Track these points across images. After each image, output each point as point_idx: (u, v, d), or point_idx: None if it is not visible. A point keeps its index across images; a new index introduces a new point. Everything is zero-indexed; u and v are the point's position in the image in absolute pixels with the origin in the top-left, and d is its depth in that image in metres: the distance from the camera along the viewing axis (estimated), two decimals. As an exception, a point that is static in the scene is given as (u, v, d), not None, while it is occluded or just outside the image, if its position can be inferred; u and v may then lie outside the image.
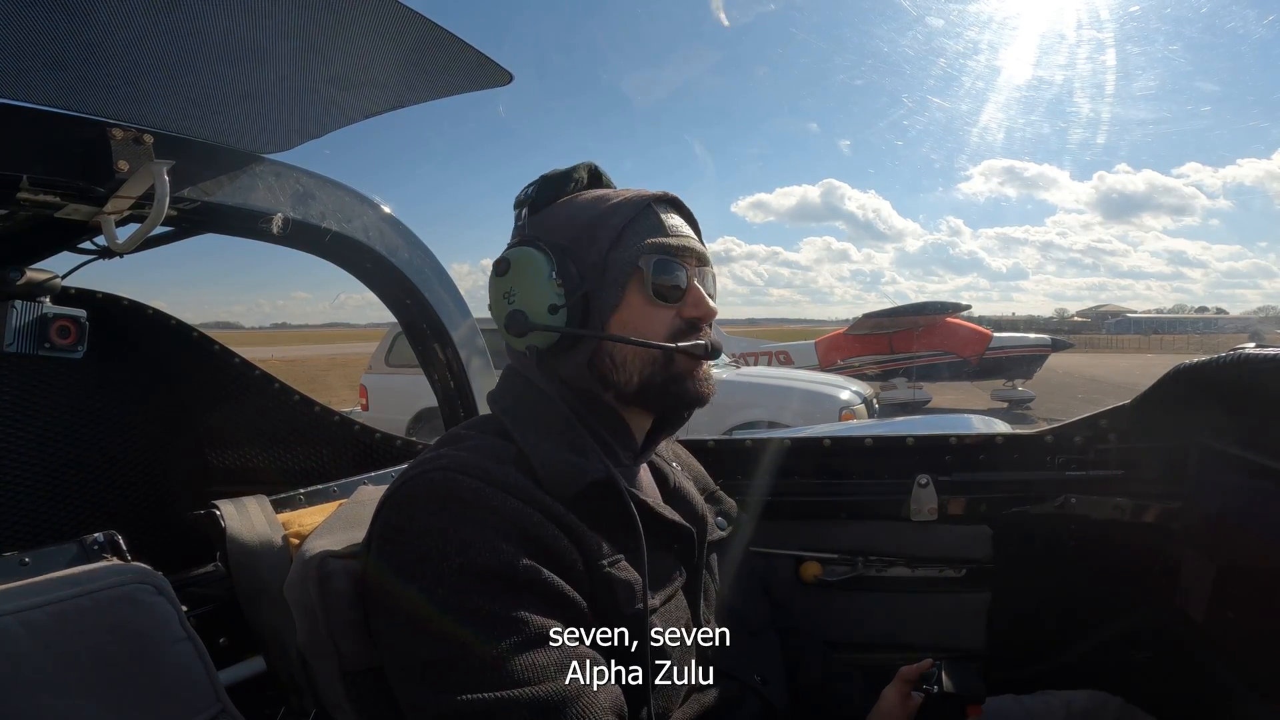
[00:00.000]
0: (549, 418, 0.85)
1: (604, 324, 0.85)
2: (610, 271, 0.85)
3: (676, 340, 0.86)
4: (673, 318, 0.87)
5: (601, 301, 0.85)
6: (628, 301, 0.86)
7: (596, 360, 0.86)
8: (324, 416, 1.73)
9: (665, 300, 0.86)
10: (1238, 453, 1.11)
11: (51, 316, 1.31)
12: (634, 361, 0.85)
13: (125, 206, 1.08)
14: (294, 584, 0.87)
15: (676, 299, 0.87)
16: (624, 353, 0.86)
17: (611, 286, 0.85)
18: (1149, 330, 55.43)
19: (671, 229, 0.88)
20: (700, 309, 0.87)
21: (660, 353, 0.85)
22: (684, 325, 0.87)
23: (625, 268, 0.85)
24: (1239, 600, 1.07)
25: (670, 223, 0.89)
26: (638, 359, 0.86)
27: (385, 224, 1.48)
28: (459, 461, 0.76)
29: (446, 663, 0.67)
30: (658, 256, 0.85)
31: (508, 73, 1.08)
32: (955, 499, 1.37)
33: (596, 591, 0.75)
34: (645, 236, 0.86)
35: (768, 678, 0.94)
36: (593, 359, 0.86)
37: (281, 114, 1.15)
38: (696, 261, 0.89)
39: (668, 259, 0.86)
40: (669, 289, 0.86)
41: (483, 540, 0.70)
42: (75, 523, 1.62)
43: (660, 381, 0.86)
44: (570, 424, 0.84)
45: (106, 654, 0.77)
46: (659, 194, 0.90)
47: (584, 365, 0.86)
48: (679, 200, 0.92)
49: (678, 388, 0.87)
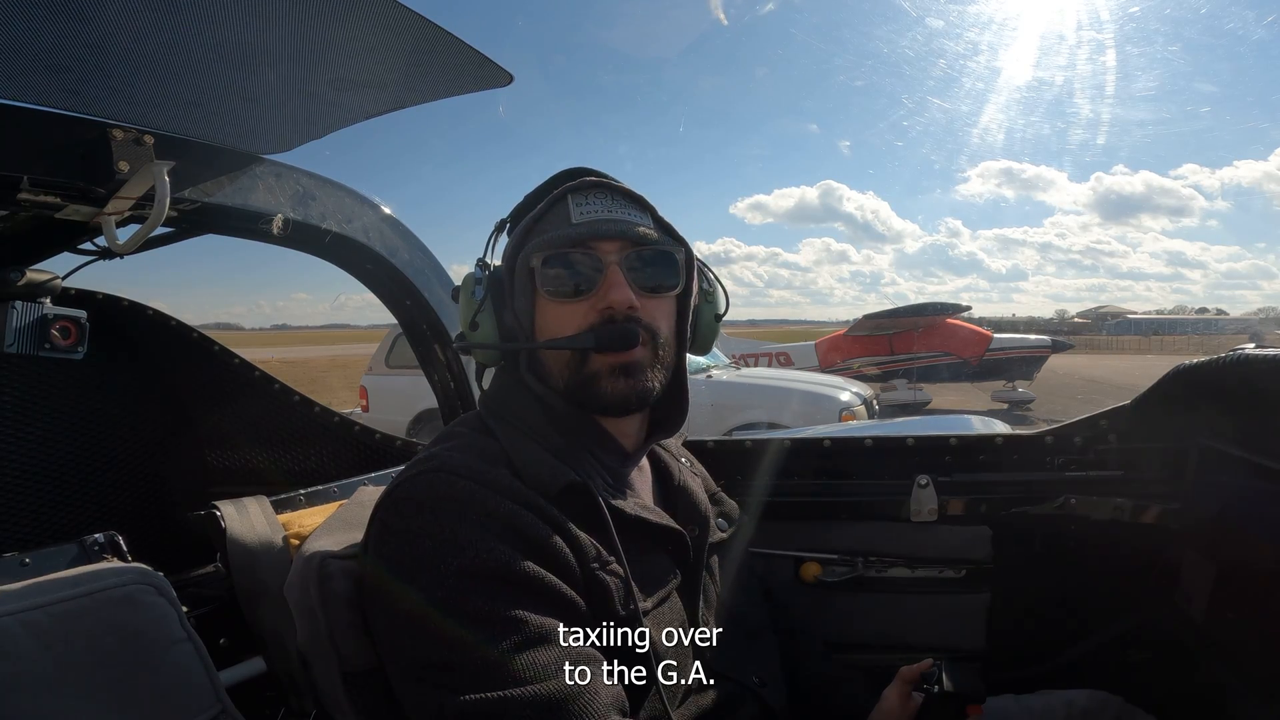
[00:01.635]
0: (528, 418, 0.85)
1: (529, 329, 0.85)
2: (516, 277, 0.85)
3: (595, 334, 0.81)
4: (586, 311, 0.82)
5: (518, 309, 0.85)
6: (540, 305, 0.84)
7: (534, 368, 0.86)
8: (324, 417, 1.73)
9: (566, 296, 0.82)
10: (1238, 453, 1.11)
11: (52, 317, 1.31)
12: (553, 365, 0.84)
13: (126, 207, 1.08)
14: (294, 585, 0.87)
15: (585, 292, 0.82)
16: (548, 358, 0.84)
17: (520, 293, 0.85)
18: (1149, 331, 55.44)
19: (579, 216, 0.82)
20: (607, 298, 0.81)
21: (571, 354, 0.82)
22: (598, 319, 0.81)
23: (524, 270, 0.84)
24: (1239, 601, 1.07)
25: (579, 210, 0.83)
26: (557, 362, 0.84)
27: (385, 225, 1.48)
28: (453, 463, 0.76)
29: (447, 663, 0.67)
30: (548, 251, 0.82)
31: (508, 73, 1.08)
32: (955, 500, 1.37)
33: (590, 591, 0.76)
34: (543, 232, 0.83)
35: (766, 679, 0.94)
36: (531, 367, 0.86)
37: (282, 115, 1.15)
38: (622, 245, 0.83)
39: (559, 253, 0.82)
40: (567, 283, 0.82)
41: (480, 541, 0.70)
42: (75, 523, 1.62)
43: (578, 383, 0.83)
44: (550, 427, 0.84)
45: (107, 654, 0.77)
46: (580, 181, 0.85)
47: (528, 373, 0.86)
48: (603, 179, 0.86)
49: (593, 389, 0.82)
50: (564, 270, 0.82)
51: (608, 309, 0.81)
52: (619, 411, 0.85)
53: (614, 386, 0.81)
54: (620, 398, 0.82)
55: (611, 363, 0.81)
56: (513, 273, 0.85)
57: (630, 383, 0.82)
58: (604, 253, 0.82)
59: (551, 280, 0.82)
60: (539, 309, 0.84)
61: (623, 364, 0.82)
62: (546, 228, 0.84)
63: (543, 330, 0.84)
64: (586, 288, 0.82)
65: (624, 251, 0.83)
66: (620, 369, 0.82)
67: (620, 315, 0.81)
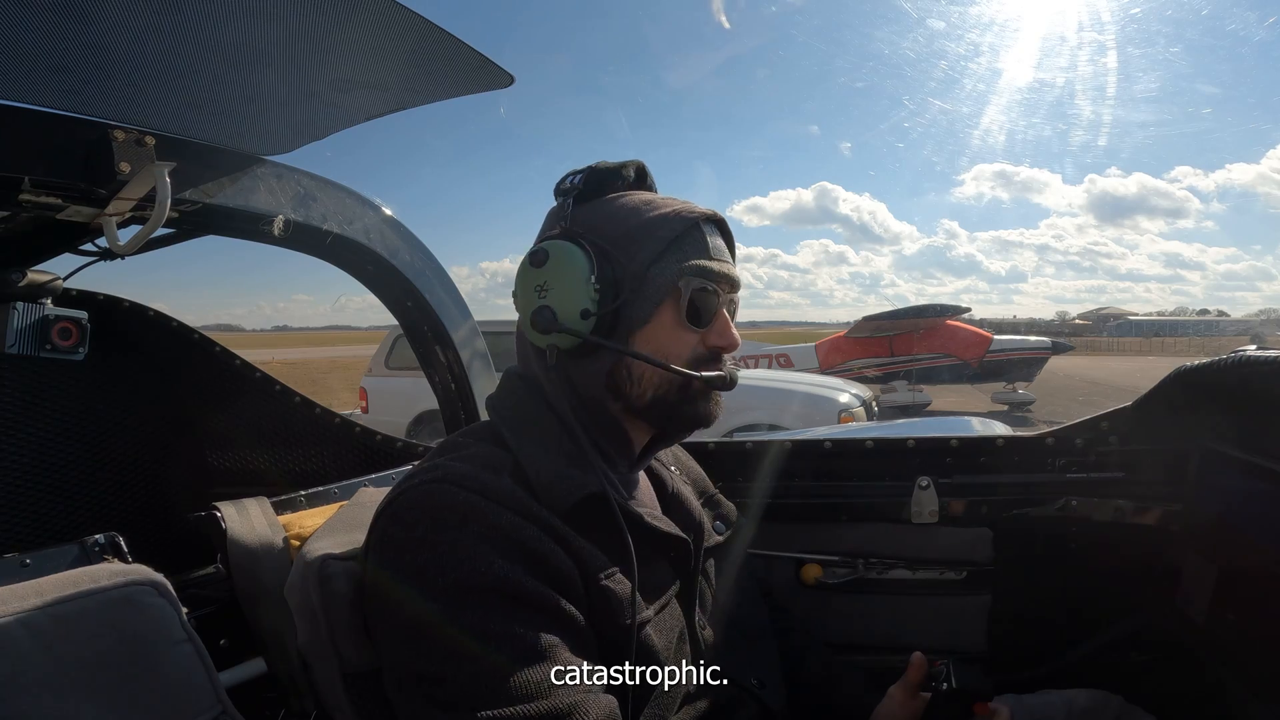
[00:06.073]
0: (547, 426, 0.84)
1: (630, 336, 0.84)
2: (649, 285, 0.83)
3: (697, 365, 0.85)
4: (696, 342, 0.85)
5: (632, 313, 0.83)
6: (658, 318, 0.84)
7: (614, 371, 0.85)
8: (325, 418, 1.73)
9: (694, 324, 0.85)
10: (1239, 455, 1.11)
11: (53, 318, 1.31)
12: (651, 379, 0.85)
13: (127, 208, 1.08)
14: (295, 586, 0.87)
15: (705, 324, 0.86)
16: (642, 369, 0.85)
17: (646, 301, 0.83)
18: (1150, 333, 55.41)
19: (715, 252, 0.87)
20: (725, 339, 0.87)
21: (679, 376, 0.84)
22: (705, 352, 0.86)
23: (664, 285, 0.83)
24: (1240, 602, 1.07)
25: (714, 245, 0.87)
26: (655, 377, 0.85)
27: (386, 226, 1.48)
28: (456, 473, 0.75)
29: (440, 677, 0.67)
30: (699, 280, 0.84)
31: (509, 74, 1.09)
32: (956, 501, 1.37)
33: (593, 603, 0.75)
34: (690, 256, 0.84)
35: (765, 681, 0.94)
36: (611, 370, 0.85)
37: (283, 116, 1.16)
38: (730, 288, 0.88)
39: (706, 283, 0.85)
40: (701, 314, 0.85)
41: (479, 555, 0.69)
42: (76, 524, 1.62)
43: (674, 401, 0.85)
44: (569, 433, 0.83)
45: (107, 656, 0.77)
46: (708, 212, 0.88)
47: (600, 375, 0.85)
48: (724, 222, 0.91)
49: (690, 409, 0.86)
50: (703, 302, 0.86)
51: (720, 348, 0.87)
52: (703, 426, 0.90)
53: (704, 408, 0.87)
54: (706, 417, 0.88)
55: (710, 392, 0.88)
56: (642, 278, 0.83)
57: (718, 408, 0.89)
58: (724, 293, 0.88)
59: (693, 308, 0.85)
60: (656, 322, 0.84)
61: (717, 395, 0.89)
62: (690, 252, 0.85)
63: (647, 343, 0.84)
64: (707, 322, 0.86)
65: (729, 293, 0.89)
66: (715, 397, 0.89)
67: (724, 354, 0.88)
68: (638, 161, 0.92)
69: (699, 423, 0.88)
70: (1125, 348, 45.02)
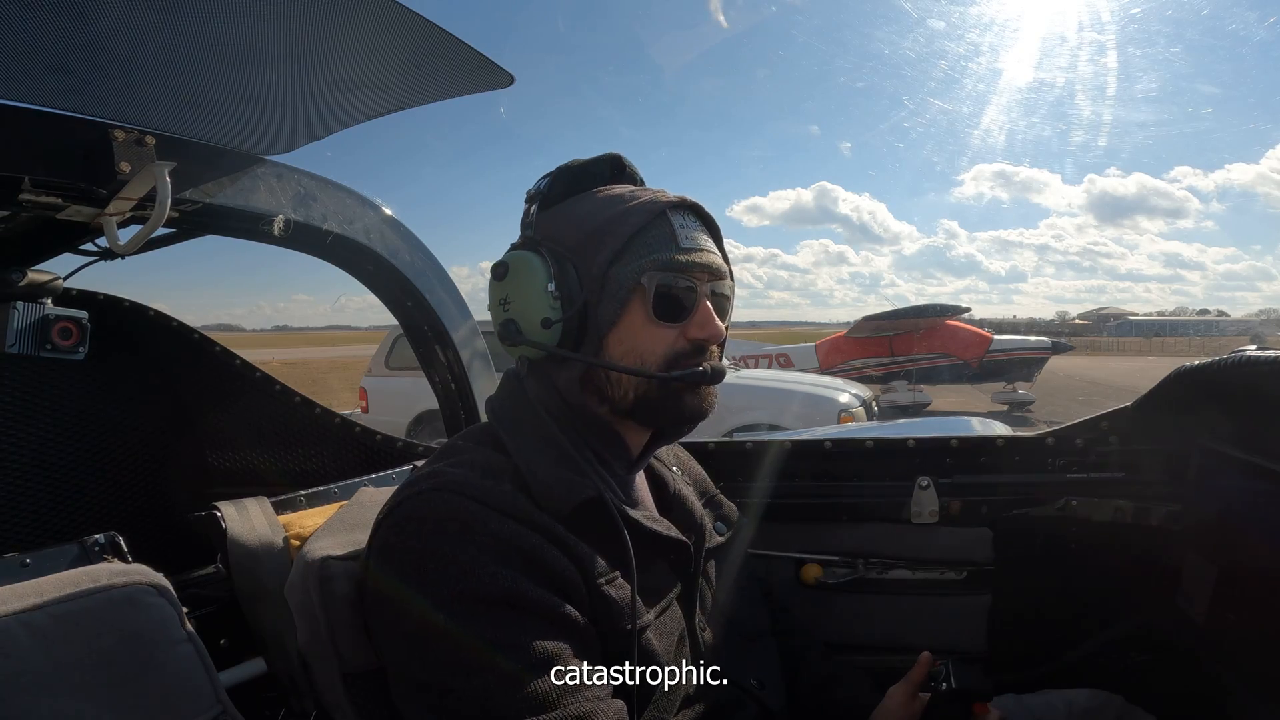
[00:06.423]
0: (543, 430, 0.82)
1: (601, 339, 0.82)
2: (610, 285, 0.81)
3: (678, 360, 0.82)
4: (674, 337, 0.82)
5: (600, 316, 0.81)
6: (627, 318, 0.82)
7: (591, 375, 0.83)
8: (325, 418, 1.73)
9: (669, 319, 0.82)
10: (1239, 455, 1.11)
11: (53, 318, 1.31)
12: (629, 380, 0.82)
13: (127, 208, 1.08)
14: (295, 586, 0.87)
15: (681, 318, 0.82)
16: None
17: (612, 301, 0.81)
18: (1150, 333, 55.38)
19: (685, 241, 0.83)
20: (705, 330, 0.83)
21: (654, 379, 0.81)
22: (687, 345, 0.82)
23: (627, 283, 0.80)
24: (1240, 602, 1.07)
25: (685, 234, 0.83)
26: (633, 377, 0.82)
27: (386, 226, 1.48)
28: (456, 480, 0.74)
29: (446, 687, 0.67)
30: (662, 274, 0.81)
31: (509, 74, 1.09)
32: (956, 501, 1.37)
33: (595, 608, 0.75)
34: (653, 251, 0.81)
35: (765, 681, 0.94)
36: (586, 375, 0.83)
37: (283, 116, 1.16)
38: (709, 276, 0.84)
39: (673, 276, 0.81)
40: (672, 309, 0.82)
41: (483, 565, 0.69)
42: (76, 524, 1.62)
43: (657, 400, 0.82)
44: (564, 437, 0.82)
45: (107, 656, 0.76)
46: (676, 200, 0.84)
47: (576, 380, 0.83)
48: (699, 206, 0.86)
49: (675, 405, 0.83)
50: (673, 295, 0.82)
51: (702, 341, 0.83)
52: (690, 424, 0.86)
53: (692, 403, 0.83)
54: (695, 412, 0.84)
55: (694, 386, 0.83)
56: (602, 280, 0.81)
57: (708, 400, 0.85)
58: (699, 281, 0.83)
59: (660, 303, 0.81)
60: (626, 322, 0.82)
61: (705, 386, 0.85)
62: (654, 245, 0.81)
63: (621, 343, 0.82)
64: (683, 316, 0.82)
65: (709, 282, 0.84)
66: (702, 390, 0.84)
67: (709, 346, 0.84)
68: (612, 155, 0.89)
69: (690, 418, 0.85)
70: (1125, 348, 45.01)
